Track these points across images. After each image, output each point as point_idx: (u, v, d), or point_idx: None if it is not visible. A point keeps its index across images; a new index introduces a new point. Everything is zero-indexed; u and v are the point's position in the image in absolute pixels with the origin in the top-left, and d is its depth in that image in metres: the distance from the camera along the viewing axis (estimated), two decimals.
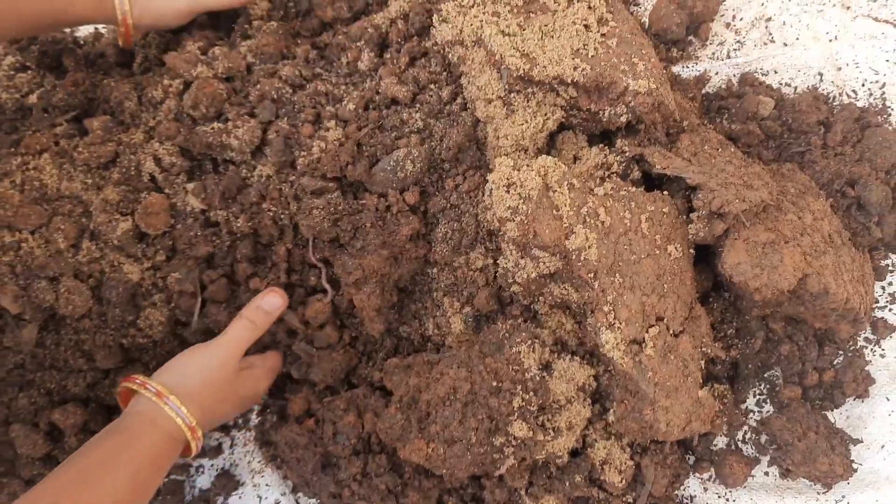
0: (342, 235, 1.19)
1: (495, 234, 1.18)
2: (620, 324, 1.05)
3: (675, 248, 1.13)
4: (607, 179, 1.13)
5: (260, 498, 1.27)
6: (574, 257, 1.06)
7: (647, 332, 1.08)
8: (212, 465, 1.31)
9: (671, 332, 1.11)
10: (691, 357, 1.12)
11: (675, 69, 1.49)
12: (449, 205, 1.20)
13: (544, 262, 1.08)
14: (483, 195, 1.16)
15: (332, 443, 1.17)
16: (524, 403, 1.10)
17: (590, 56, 1.12)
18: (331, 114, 1.22)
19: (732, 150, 1.21)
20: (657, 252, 1.11)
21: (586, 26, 1.15)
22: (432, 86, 1.24)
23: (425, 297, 1.25)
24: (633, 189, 1.14)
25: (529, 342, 1.13)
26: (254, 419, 1.32)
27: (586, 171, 1.15)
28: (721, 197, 1.12)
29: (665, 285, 1.10)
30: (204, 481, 1.30)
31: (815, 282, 1.15)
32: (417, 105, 1.23)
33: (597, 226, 1.07)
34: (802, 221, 1.20)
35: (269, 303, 1.19)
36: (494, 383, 1.10)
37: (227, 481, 1.28)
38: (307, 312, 1.22)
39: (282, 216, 1.22)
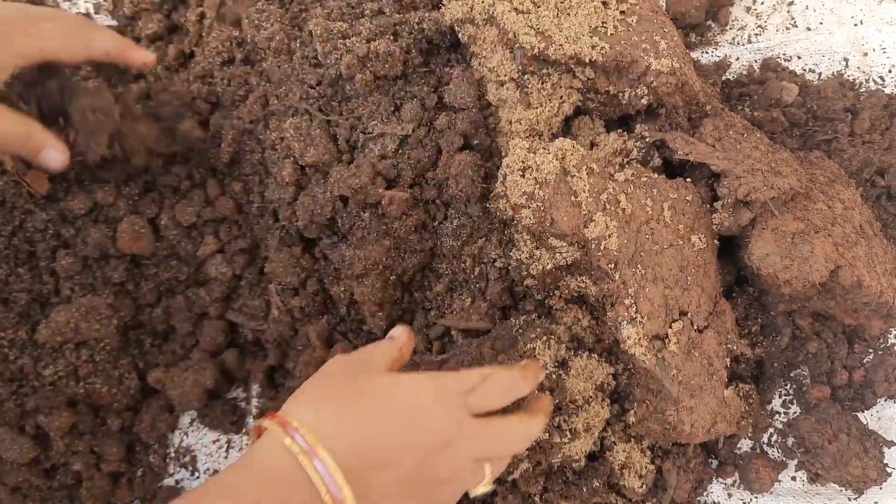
0: (342, 225, 1.10)
1: (508, 225, 1.09)
2: (643, 318, 0.96)
3: (699, 238, 1.04)
4: (627, 165, 1.04)
5: None
6: (593, 246, 0.96)
7: (670, 327, 0.99)
8: (207, 470, 1.22)
9: (695, 327, 1.01)
10: (716, 354, 1.03)
11: (694, 55, 1.40)
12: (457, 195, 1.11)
13: (561, 253, 0.99)
14: (497, 182, 1.06)
15: None
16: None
17: (609, 34, 1.03)
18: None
19: (759, 135, 1.12)
20: (680, 242, 1.02)
21: (605, 3, 1.06)
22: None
23: (432, 293, 1.15)
24: (655, 176, 1.05)
25: (545, 338, 1.04)
26: (251, 423, 1.23)
27: (605, 158, 1.06)
28: (748, 184, 1.02)
29: (689, 277, 1.01)
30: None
31: (847, 274, 1.05)
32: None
33: (617, 213, 0.97)
34: (833, 211, 1.10)
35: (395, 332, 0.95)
36: None
37: None
38: None
39: None
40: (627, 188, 1.00)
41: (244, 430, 1.23)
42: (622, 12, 1.06)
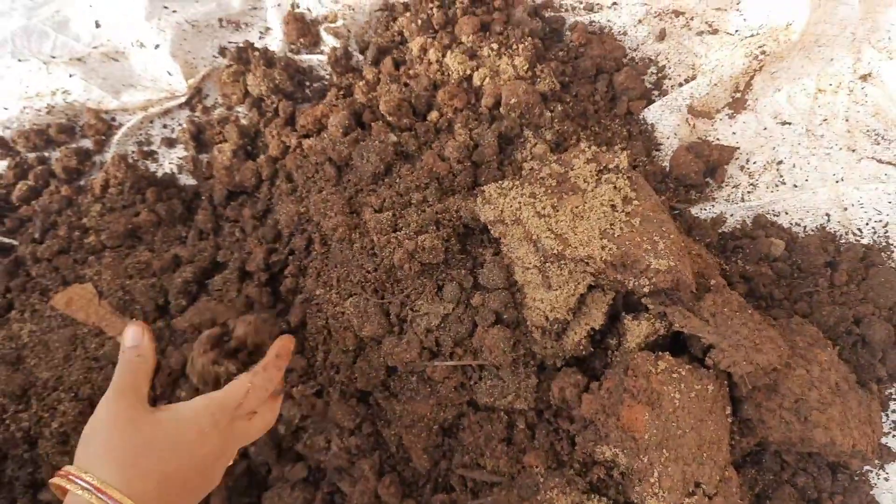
0: (393, 385, 1.28)
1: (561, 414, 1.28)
2: (664, 493, 1.12)
3: (715, 419, 1.19)
4: (661, 359, 1.20)
5: None
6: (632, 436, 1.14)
7: (686, 498, 1.14)
8: None
9: (707, 495, 1.16)
10: None
11: (694, 211, 1.55)
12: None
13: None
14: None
15: None
16: None
17: (616, 236, 1.20)
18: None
19: (750, 312, 1.27)
20: (699, 424, 1.17)
21: (613, 206, 1.22)
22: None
23: (468, 439, 1.32)
24: (683, 371, 1.19)
25: (562, 486, 1.21)
26: None
27: (642, 342, 1.23)
28: (730, 357, 1.18)
29: (704, 454, 1.16)
30: None
31: (822, 435, 1.21)
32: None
33: (652, 407, 1.14)
34: (811, 375, 1.26)
35: (129, 337, 1.00)
36: None
37: None
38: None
39: None
40: (662, 386, 1.16)
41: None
42: (627, 214, 1.22)
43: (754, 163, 1.59)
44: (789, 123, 1.60)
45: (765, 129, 1.61)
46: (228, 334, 1.08)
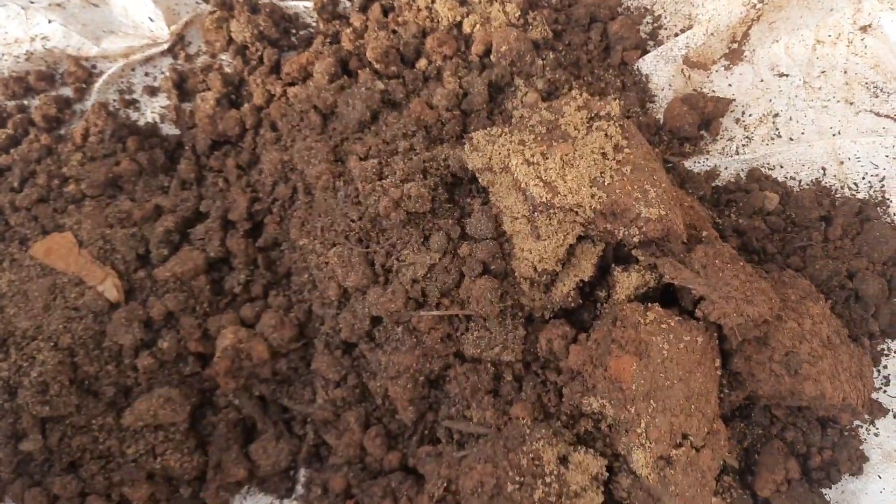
0: (378, 336, 1.25)
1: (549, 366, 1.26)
2: (651, 443, 1.10)
3: (704, 371, 1.17)
4: (650, 310, 1.17)
5: None
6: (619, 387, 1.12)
7: (673, 449, 1.12)
8: None
9: (694, 447, 1.14)
10: (709, 468, 1.15)
11: (688, 164, 1.51)
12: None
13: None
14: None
15: None
16: (544, 495, 1.16)
17: (606, 184, 1.16)
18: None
19: (741, 264, 1.23)
20: (687, 376, 1.14)
21: (603, 154, 1.18)
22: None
23: (454, 391, 1.29)
24: (672, 322, 1.17)
25: (549, 437, 1.19)
26: (300, 489, 1.37)
27: (631, 293, 1.20)
28: (720, 309, 1.15)
29: (692, 406, 1.14)
30: None
31: (812, 388, 1.18)
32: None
33: (640, 357, 1.12)
34: (802, 328, 1.23)
35: None
36: (518, 478, 1.16)
37: None
38: None
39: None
40: (651, 337, 1.13)
41: (293, 497, 1.39)
42: (618, 162, 1.18)
43: (750, 115, 1.55)
44: (787, 75, 1.56)
45: (761, 80, 1.57)
46: None
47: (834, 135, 1.51)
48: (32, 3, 1.63)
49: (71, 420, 1.30)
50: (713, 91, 1.58)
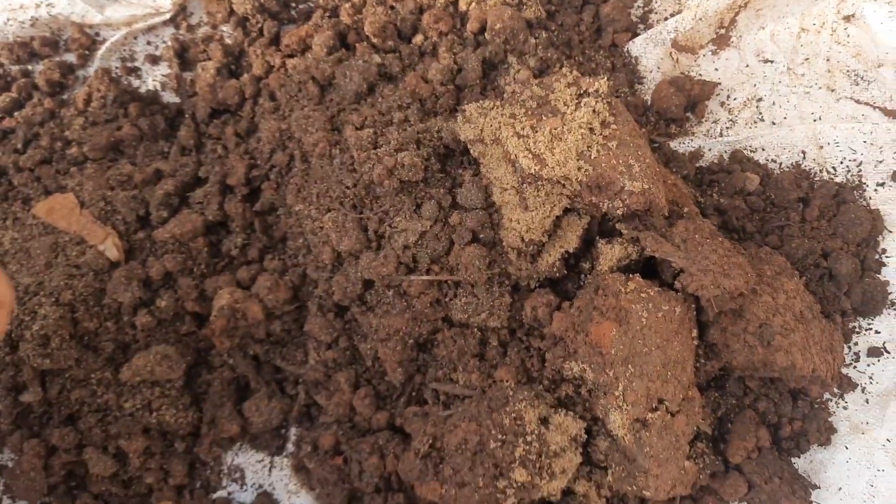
0: (369, 299, 1.30)
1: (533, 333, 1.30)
2: (628, 406, 1.15)
3: (681, 340, 1.22)
4: (631, 280, 1.21)
5: None
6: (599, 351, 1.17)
7: (649, 413, 1.17)
8: (253, 484, 1.42)
9: (669, 412, 1.19)
10: (683, 433, 1.20)
11: (673, 144, 1.56)
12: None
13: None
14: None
15: (358, 480, 1.28)
16: (524, 453, 1.21)
17: (592, 158, 1.20)
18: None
19: (720, 240, 1.28)
20: (665, 344, 1.19)
21: (591, 129, 1.22)
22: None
23: (442, 354, 1.34)
24: (652, 292, 1.21)
25: (531, 399, 1.24)
26: (290, 447, 1.42)
27: (614, 265, 1.25)
28: (698, 281, 1.20)
29: (669, 373, 1.19)
30: (247, 497, 1.41)
31: (783, 358, 1.23)
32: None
33: (620, 324, 1.16)
34: (776, 302, 1.28)
35: None
36: (500, 436, 1.21)
37: (267, 499, 1.38)
38: None
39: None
40: (631, 305, 1.18)
41: (284, 454, 1.43)
42: (604, 137, 1.22)
43: (735, 99, 1.59)
44: (771, 61, 1.60)
45: (747, 66, 1.61)
46: None
47: (815, 120, 1.55)
48: None
49: (70, 373, 1.34)
50: (700, 75, 1.62)
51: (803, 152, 1.54)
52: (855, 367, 1.42)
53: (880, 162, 1.50)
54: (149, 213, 1.43)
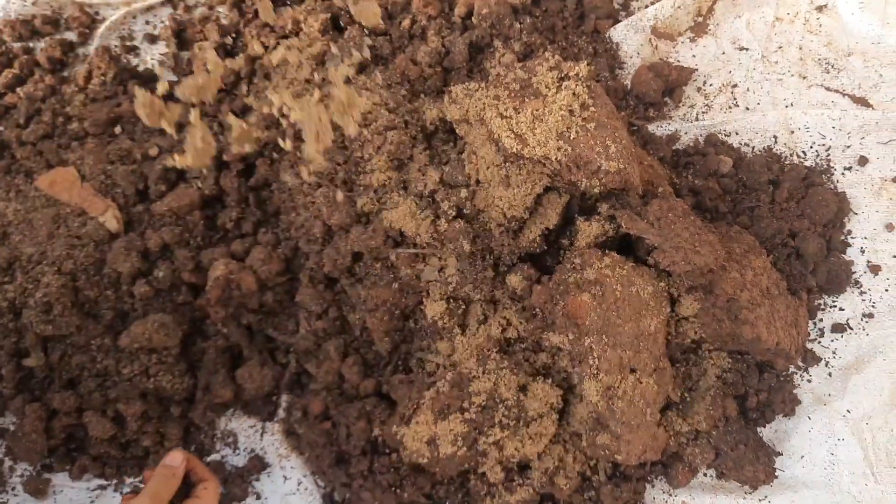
0: (358, 271, 1.36)
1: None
2: (601, 374, 1.21)
3: (653, 313, 1.28)
4: (607, 255, 1.27)
5: (285, 478, 1.43)
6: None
7: (622, 381, 1.23)
8: (245, 448, 1.48)
9: (641, 381, 1.26)
10: (654, 401, 1.27)
11: (651, 128, 1.61)
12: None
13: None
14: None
15: (346, 443, 1.34)
16: (503, 418, 1.27)
17: (571, 138, 1.25)
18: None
19: (692, 218, 1.33)
20: (638, 316, 1.26)
21: (570, 111, 1.27)
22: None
23: (426, 325, 1.39)
24: (626, 267, 1.28)
25: (511, 367, 1.30)
26: (281, 413, 1.48)
27: (592, 241, 1.31)
28: (671, 257, 1.26)
29: (641, 344, 1.25)
30: (239, 461, 1.47)
31: (749, 331, 1.30)
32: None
33: (596, 297, 1.23)
34: (744, 278, 1.34)
35: (172, 458, 1.23)
36: (480, 402, 1.27)
37: (258, 463, 1.44)
38: None
39: None
40: (606, 278, 1.24)
41: (275, 419, 1.49)
42: (583, 119, 1.27)
43: (711, 85, 1.65)
44: (746, 49, 1.66)
45: (723, 53, 1.67)
46: None
47: (787, 106, 1.61)
48: None
49: (71, 340, 1.39)
50: (678, 61, 1.67)
51: (775, 137, 1.59)
52: (819, 342, 1.49)
53: (848, 147, 1.56)
54: (147, 187, 1.48)
